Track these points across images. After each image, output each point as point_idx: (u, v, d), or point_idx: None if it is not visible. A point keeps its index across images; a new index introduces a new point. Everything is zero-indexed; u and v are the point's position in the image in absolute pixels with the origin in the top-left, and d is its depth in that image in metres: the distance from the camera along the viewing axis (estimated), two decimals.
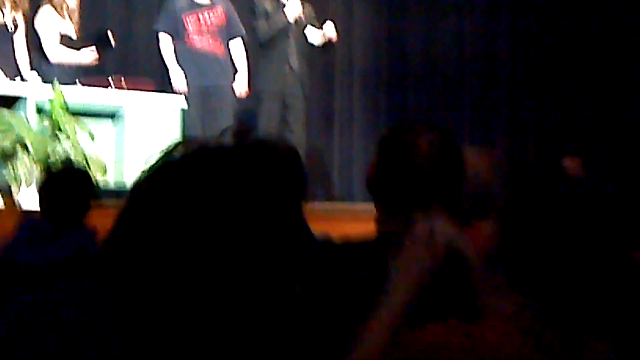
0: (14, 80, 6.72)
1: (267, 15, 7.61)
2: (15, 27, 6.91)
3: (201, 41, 7.44)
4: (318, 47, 7.74)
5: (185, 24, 7.41)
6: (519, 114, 9.47)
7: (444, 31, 9.62)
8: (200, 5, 7.47)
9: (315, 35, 7.68)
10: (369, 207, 2.27)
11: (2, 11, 6.83)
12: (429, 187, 2.10)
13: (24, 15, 6.98)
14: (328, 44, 7.76)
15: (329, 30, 7.65)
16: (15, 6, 6.89)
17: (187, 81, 7.35)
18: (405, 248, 1.88)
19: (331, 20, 7.90)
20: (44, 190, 3.76)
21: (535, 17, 9.50)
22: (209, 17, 7.47)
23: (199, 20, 7.43)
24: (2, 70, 6.75)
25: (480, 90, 9.58)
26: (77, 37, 7.14)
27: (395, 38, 9.62)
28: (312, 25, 7.70)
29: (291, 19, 7.55)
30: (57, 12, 7.05)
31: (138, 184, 1.18)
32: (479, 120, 9.48)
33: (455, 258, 1.90)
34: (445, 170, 2.11)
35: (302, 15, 7.62)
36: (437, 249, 1.87)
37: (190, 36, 7.43)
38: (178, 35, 7.42)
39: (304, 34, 7.66)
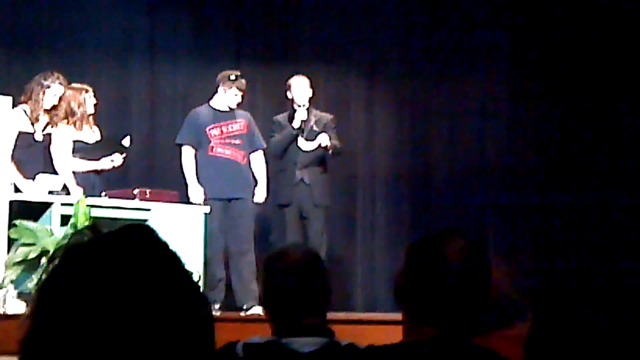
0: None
1: (280, 127, 7.83)
2: (49, 141, 7.06)
3: (224, 150, 7.64)
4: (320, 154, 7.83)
5: (209, 136, 7.61)
6: (547, 219, 9.42)
7: (467, 135, 9.66)
8: (223, 119, 7.69)
9: (306, 144, 7.80)
10: (393, 317, 2.26)
11: (34, 127, 6.99)
12: (457, 295, 2.09)
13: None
14: (327, 151, 7.84)
15: (323, 140, 7.76)
16: (52, 122, 7.07)
17: (209, 194, 7.50)
18: None
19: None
20: None
21: (558, 118, 9.54)
22: (232, 128, 7.67)
23: (222, 132, 7.63)
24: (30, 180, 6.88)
25: (505, 196, 9.56)
26: (97, 142, 7.29)
27: (418, 145, 9.66)
28: (326, 132, 7.80)
29: (296, 126, 7.72)
30: (75, 126, 7.19)
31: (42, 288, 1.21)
32: (503, 226, 9.44)
33: None
34: (473, 278, 2.11)
35: (308, 122, 7.78)
36: None
37: (214, 147, 7.62)
38: (201, 146, 7.63)
39: (300, 141, 7.79)
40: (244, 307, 7.33)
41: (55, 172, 7.04)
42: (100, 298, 1.15)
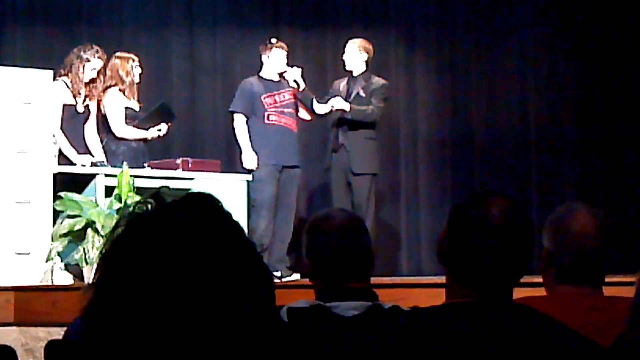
0: (84, 165, 6.88)
1: (333, 93, 7.84)
2: (88, 113, 7.15)
3: (279, 118, 7.71)
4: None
5: (265, 104, 7.67)
6: (589, 181, 9.34)
7: (507, 97, 9.58)
8: (275, 88, 7.76)
9: (319, 107, 7.78)
10: (437, 280, 2.25)
11: (75, 99, 7.06)
12: (500, 256, 2.08)
13: (98, 102, 7.24)
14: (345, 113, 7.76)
15: (336, 103, 7.68)
16: (90, 95, 7.14)
17: (263, 161, 7.55)
18: None
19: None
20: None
21: (599, 78, 9.43)
22: (284, 97, 7.75)
23: (275, 100, 7.72)
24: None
25: (547, 159, 9.49)
26: (140, 109, 7.36)
27: (459, 108, 9.61)
28: (362, 97, 7.77)
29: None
30: (124, 94, 7.28)
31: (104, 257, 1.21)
32: (545, 188, 9.37)
33: None
34: (515, 238, 2.09)
35: (352, 87, 7.77)
36: None
37: (269, 115, 7.69)
38: (255, 114, 7.68)
39: (315, 104, 7.80)
40: (281, 274, 7.36)
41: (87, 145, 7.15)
42: (163, 267, 1.15)
